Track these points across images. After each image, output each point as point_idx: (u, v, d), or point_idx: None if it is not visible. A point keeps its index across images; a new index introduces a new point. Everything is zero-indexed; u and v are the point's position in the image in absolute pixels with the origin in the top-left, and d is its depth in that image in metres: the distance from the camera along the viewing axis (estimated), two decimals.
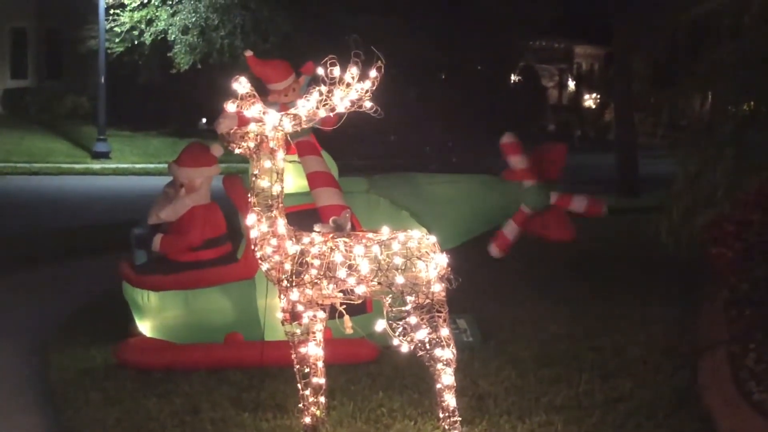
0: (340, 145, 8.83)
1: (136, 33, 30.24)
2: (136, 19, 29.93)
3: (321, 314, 5.98)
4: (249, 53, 7.65)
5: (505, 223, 8.56)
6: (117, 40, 30.22)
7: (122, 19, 29.90)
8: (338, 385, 6.85)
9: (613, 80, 28.12)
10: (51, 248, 12.85)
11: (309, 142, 7.86)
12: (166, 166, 8.37)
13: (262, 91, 7.40)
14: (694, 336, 8.28)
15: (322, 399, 6.10)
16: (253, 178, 5.79)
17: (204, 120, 34.51)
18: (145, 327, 7.80)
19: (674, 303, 9.47)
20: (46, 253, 12.48)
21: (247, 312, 7.58)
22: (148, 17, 30.00)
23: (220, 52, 30.02)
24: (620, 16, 22.92)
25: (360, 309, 6.80)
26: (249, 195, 5.83)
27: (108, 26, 29.35)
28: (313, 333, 5.98)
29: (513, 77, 47.87)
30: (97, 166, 27.25)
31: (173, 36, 29.84)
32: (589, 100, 55.35)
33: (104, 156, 28.41)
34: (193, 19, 29.74)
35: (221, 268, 7.61)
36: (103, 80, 28.34)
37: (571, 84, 56.50)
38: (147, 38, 30.14)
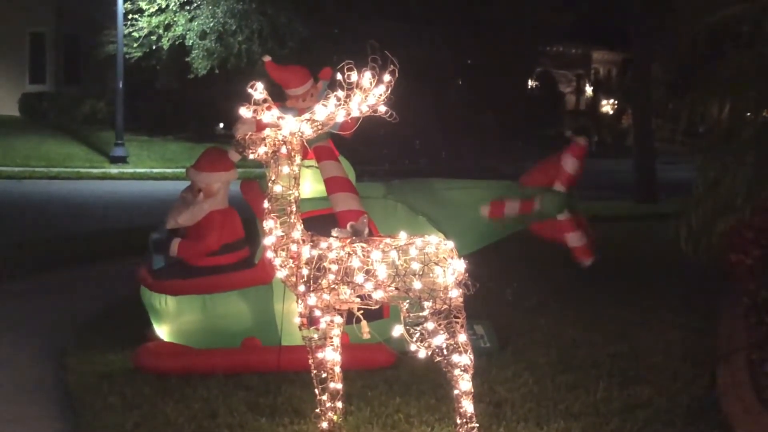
0: (357, 149, 8.80)
1: (154, 38, 30.46)
2: (154, 24, 30.16)
3: (338, 319, 5.97)
4: (267, 58, 7.67)
5: (512, 198, 8.39)
6: (135, 45, 30.46)
7: (140, 24, 30.13)
8: (355, 390, 6.83)
9: (630, 86, 28.09)
10: (68, 252, 12.89)
11: (327, 147, 7.86)
12: (183, 170, 8.39)
13: (280, 96, 7.42)
14: (713, 343, 8.24)
15: (339, 404, 6.08)
16: (270, 184, 5.78)
17: (221, 125, 34.61)
18: (162, 331, 7.81)
19: (693, 309, 9.43)
20: (63, 258, 12.53)
21: (265, 317, 7.57)
22: (166, 22, 30.22)
23: (237, 58, 30.19)
24: (639, 21, 22.87)
25: (377, 314, 6.79)
26: (265, 200, 5.82)
27: (126, 31, 29.53)
28: (331, 338, 5.97)
29: (530, 82, 47.84)
30: (114, 170, 27.36)
31: (191, 41, 30.03)
32: (607, 106, 55.21)
33: (122, 160, 28.49)
34: (211, 24, 29.94)
35: (239, 273, 7.61)
36: (121, 85, 28.42)
37: (589, 89, 56.37)
38: (165, 43, 30.34)
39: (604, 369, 7.50)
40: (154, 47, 30.75)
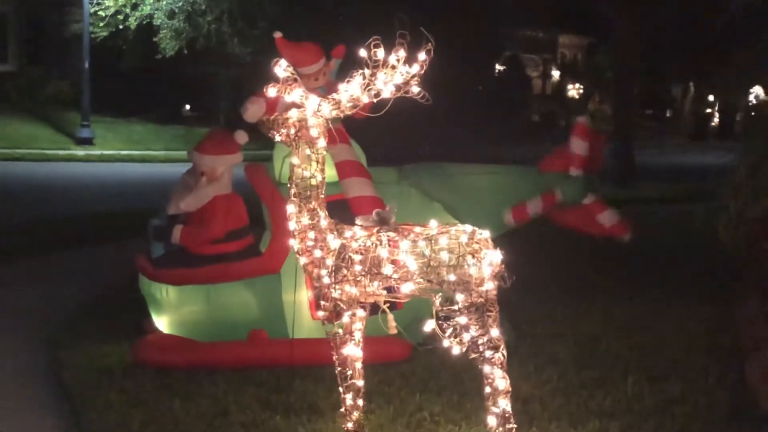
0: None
1: (120, 17, 29.83)
2: (121, 3, 29.61)
3: (361, 312, 5.61)
4: (278, 35, 7.18)
5: (533, 198, 7.98)
6: (101, 24, 29.84)
7: (107, 2, 29.54)
8: (372, 386, 6.41)
9: (612, 70, 28.13)
10: (35, 238, 12.38)
11: (339, 130, 7.44)
12: (150, 153, 7.99)
13: None
14: (734, 335, 7.95)
15: (360, 402, 5.72)
16: (293, 167, 5.40)
17: (188, 107, 34.05)
18: (162, 323, 7.40)
19: (706, 299, 9.16)
20: (29, 244, 11.99)
21: (272, 308, 7.19)
22: (134, 1, 29.62)
23: (206, 38, 29.72)
24: (622, 5, 22.74)
25: (391, 306, 6.42)
26: (288, 185, 5.45)
27: (92, 10, 29.00)
28: (352, 333, 5.62)
29: (498, 67, 47.68)
30: (81, 152, 26.93)
31: (159, 21, 29.52)
32: (572, 90, 55.34)
33: (88, 142, 28.06)
34: (180, 4, 29.49)
35: (245, 262, 7.21)
36: (87, 65, 27.86)
37: (555, 74, 56.44)
38: (132, 23, 29.81)
39: (629, 363, 7.18)
40: (120, 27, 30.10)
